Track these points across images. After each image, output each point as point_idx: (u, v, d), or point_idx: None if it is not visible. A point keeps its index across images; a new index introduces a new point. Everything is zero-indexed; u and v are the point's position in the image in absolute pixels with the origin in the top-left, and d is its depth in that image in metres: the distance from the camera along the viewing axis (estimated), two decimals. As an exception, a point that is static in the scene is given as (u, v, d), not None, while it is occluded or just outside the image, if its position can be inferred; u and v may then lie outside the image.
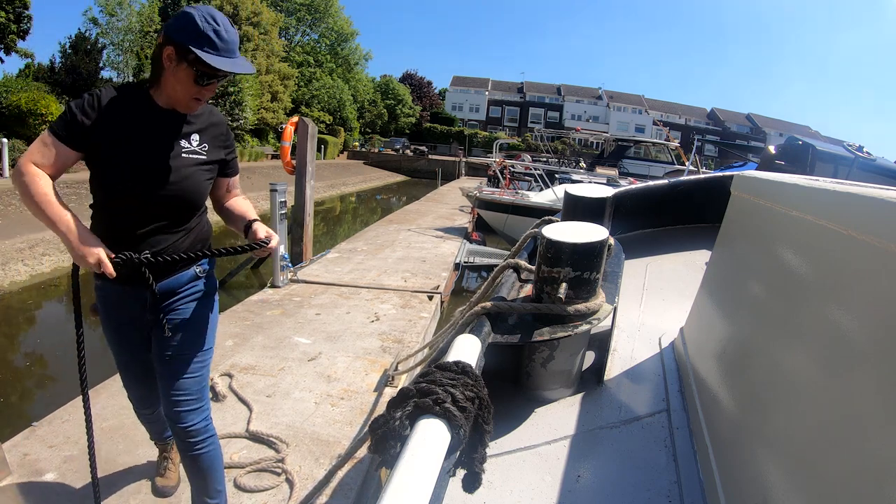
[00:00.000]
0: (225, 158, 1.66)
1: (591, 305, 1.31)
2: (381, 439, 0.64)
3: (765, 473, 0.87)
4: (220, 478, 1.80)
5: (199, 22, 1.38)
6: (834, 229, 0.86)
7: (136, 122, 1.47)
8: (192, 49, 1.38)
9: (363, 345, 3.84)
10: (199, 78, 1.44)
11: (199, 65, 1.41)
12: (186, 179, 1.53)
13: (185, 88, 1.46)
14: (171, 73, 1.45)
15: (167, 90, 1.48)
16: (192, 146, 1.54)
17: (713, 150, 35.70)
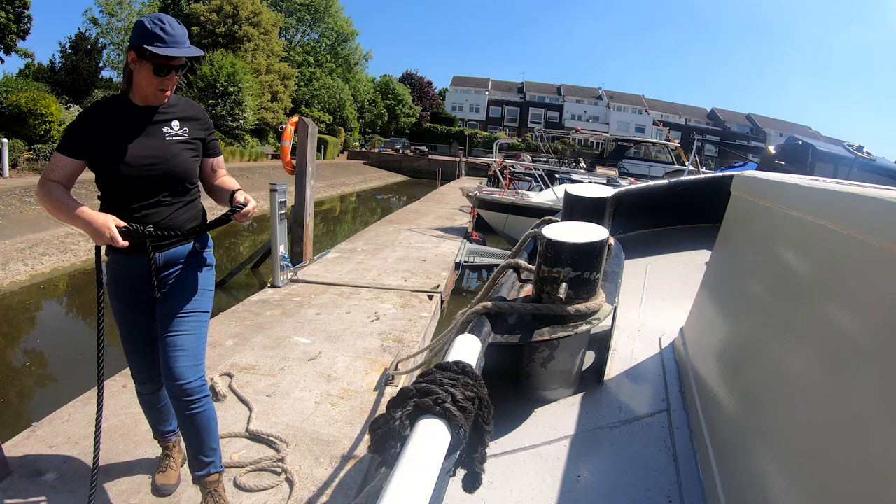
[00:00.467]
0: (205, 139, 1.91)
1: (591, 305, 1.31)
2: (381, 439, 0.64)
3: (765, 473, 0.87)
4: (215, 436, 1.94)
5: (147, 25, 1.66)
6: (834, 229, 0.86)
7: (121, 121, 1.74)
8: (144, 47, 1.65)
9: (363, 344, 3.84)
10: (157, 70, 1.69)
11: (154, 57, 1.67)
12: (175, 157, 1.79)
13: (149, 82, 1.71)
14: (137, 73, 1.71)
15: (138, 89, 1.74)
16: (173, 130, 1.81)
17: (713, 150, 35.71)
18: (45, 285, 7.23)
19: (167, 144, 1.78)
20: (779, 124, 51.55)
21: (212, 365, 3.28)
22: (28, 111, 12.64)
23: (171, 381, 1.82)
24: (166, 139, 1.78)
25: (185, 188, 1.86)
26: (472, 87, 54.89)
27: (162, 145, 1.77)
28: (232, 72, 21.62)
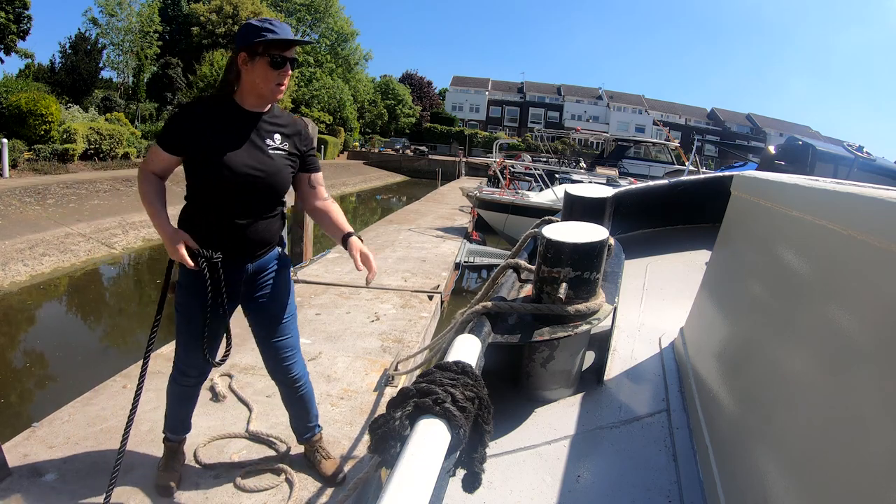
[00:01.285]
0: (304, 155, 1.92)
1: (591, 305, 1.31)
2: (381, 439, 0.64)
3: (765, 473, 0.87)
4: (314, 403, 2.26)
5: (255, 24, 1.70)
6: (834, 229, 0.86)
7: (225, 125, 1.74)
8: (258, 41, 1.66)
9: (363, 345, 3.84)
10: (273, 62, 1.69)
11: (269, 47, 1.67)
12: (279, 172, 1.81)
13: (265, 78, 1.71)
14: (249, 73, 1.72)
15: (252, 88, 1.74)
16: (275, 143, 1.81)
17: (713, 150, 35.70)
18: (44, 286, 7.23)
19: (271, 158, 1.79)
20: (779, 124, 51.55)
21: (212, 365, 3.28)
22: (28, 111, 12.64)
23: (287, 377, 2.09)
24: (269, 151, 1.79)
25: (280, 202, 1.90)
26: (472, 87, 54.88)
27: (266, 158, 1.78)
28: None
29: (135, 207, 11.39)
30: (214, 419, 2.65)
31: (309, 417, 2.25)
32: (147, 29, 24.70)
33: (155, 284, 7.93)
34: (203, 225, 1.80)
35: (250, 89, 1.75)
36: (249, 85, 1.74)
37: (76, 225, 9.43)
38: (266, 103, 1.80)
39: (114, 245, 9.28)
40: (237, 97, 1.77)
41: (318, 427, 2.32)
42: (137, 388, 1.95)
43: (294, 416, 2.24)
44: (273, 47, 1.68)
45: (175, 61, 25.47)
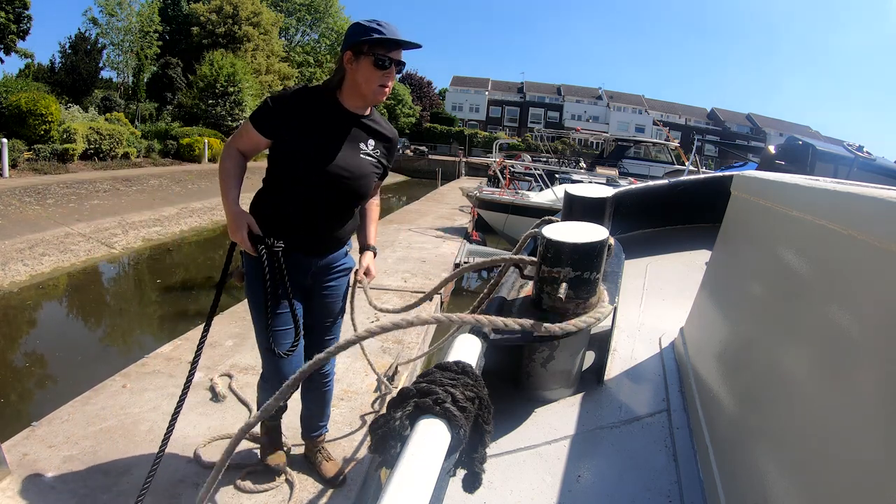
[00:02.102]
0: (388, 165, 1.93)
1: (591, 305, 1.31)
2: (382, 439, 0.64)
3: (765, 473, 0.87)
4: (330, 405, 2.28)
5: (363, 23, 1.67)
6: (834, 229, 0.86)
7: (323, 120, 1.73)
8: (364, 40, 1.63)
9: (363, 345, 3.83)
10: (378, 62, 1.67)
11: (376, 47, 1.65)
12: (365, 177, 1.81)
13: (369, 78, 1.69)
14: (354, 73, 1.69)
15: (353, 90, 1.73)
16: (368, 149, 1.81)
17: (713, 150, 35.70)
18: (44, 285, 7.23)
19: (362, 162, 1.79)
20: (779, 124, 51.56)
21: (211, 365, 3.27)
22: (28, 111, 12.63)
23: (318, 372, 2.05)
24: (361, 155, 1.79)
25: (359, 205, 1.93)
26: (471, 87, 54.87)
27: (357, 160, 1.78)
28: (232, 72, 21.61)
29: (134, 207, 11.39)
30: (214, 419, 2.65)
31: (322, 416, 2.26)
32: (147, 29, 24.69)
33: (155, 284, 7.93)
34: (278, 215, 1.78)
35: (353, 89, 1.73)
36: (352, 85, 1.72)
37: (76, 225, 9.43)
38: (367, 104, 1.79)
39: (113, 245, 9.28)
40: (340, 96, 1.76)
41: (326, 428, 2.33)
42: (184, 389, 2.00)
43: (308, 410, 2.24)
44: (378, 47, 1.66)
45: (175, 61, 25.46)
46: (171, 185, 14.02)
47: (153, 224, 10.90)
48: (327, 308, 2.01)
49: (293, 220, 1.78)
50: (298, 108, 1.71)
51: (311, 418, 2.25)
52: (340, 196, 1.79)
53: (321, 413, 2.25)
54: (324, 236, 1.85)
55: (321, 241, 1.86)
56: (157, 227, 10.84)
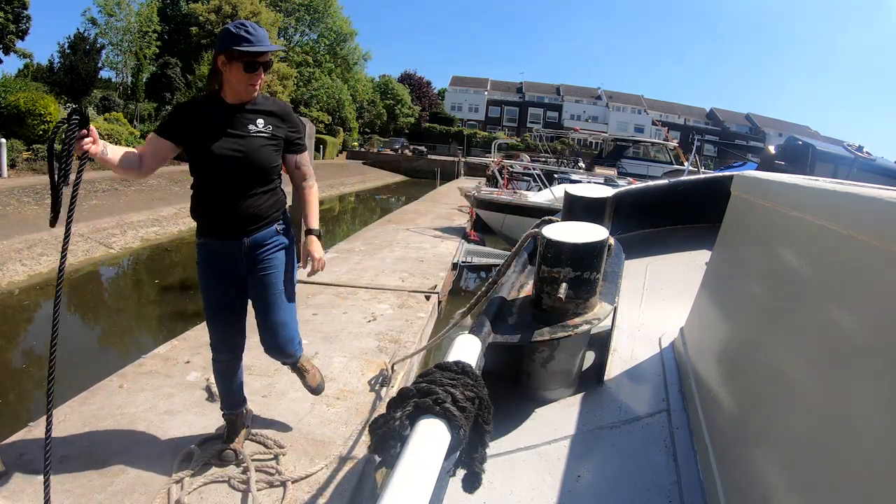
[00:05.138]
0: (288, 136, 2.09)
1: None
2: (381, 439, 0.64)
3: (765, 473, 0.86)
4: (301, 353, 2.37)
5: (232, 30, 1.90)
6: (834, 229, 0.86)
7: (213, 116, 1.96)
8: (233, 48, 1.87)
9: (360, 345, 3.83)
10: (247, 67, 1.91)
11: (242, 56, 1.89)
12: (257, 151, 1.99)
13: (240, 79, 1.93)
14: (227, 74, 1.93)
15: (230, 87, 1.96)
16: (258, 127, 2.00)
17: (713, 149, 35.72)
18: (42, 286, 7.21)
19: (251, 139, 1.98)
20: (778, 124, 51.62)
21: (207, 365, 3.24)
22: (27, 111, 12.60)
23: (276, 352, 2.24)
24: (251, 135, 1.99)
25: (266, 179, 2.05)
26: (471, 87, 54.88)
27: (246, 140, 1.97)
28: (231, 72, 21.57)
29: (133, 207, 11.38)
30: (209, 418, 2.65)
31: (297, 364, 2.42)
32: (146, 29, 24.63)
33: (153, 284, 7.92)
34: (203, 207, 2.03)
35: (229, 87, 1.97)
36: (228, 84, 1.96)
37: (74, 225, 9.41)
38: (242, 100, 2.00)
39: (112, 245, 9.26)
40: (222, 93, 1.99)
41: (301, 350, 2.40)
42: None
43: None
44: (246, 53, 1.89)
45: (174, 61, 25.41)
46: (169, 186, 14.00)
47: (151, 224, 10.89)
48: (267, 281, 2.11)
49: (210, 208, 2.01)
50: (191, 114, 1.98)
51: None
52: (242, 174, 1.98)
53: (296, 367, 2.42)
54: (242, 214, 2.01)
55: (240, 221, 2.01)
56: (156, 227, 10.83)
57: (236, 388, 2.32)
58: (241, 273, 2.10)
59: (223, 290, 2.12)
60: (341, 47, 38.14)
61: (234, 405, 2.35)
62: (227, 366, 2.26)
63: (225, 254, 2.06)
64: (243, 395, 2.39)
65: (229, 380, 2.29)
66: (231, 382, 2.30)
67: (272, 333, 2.17)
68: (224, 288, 2.11)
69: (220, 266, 2.09)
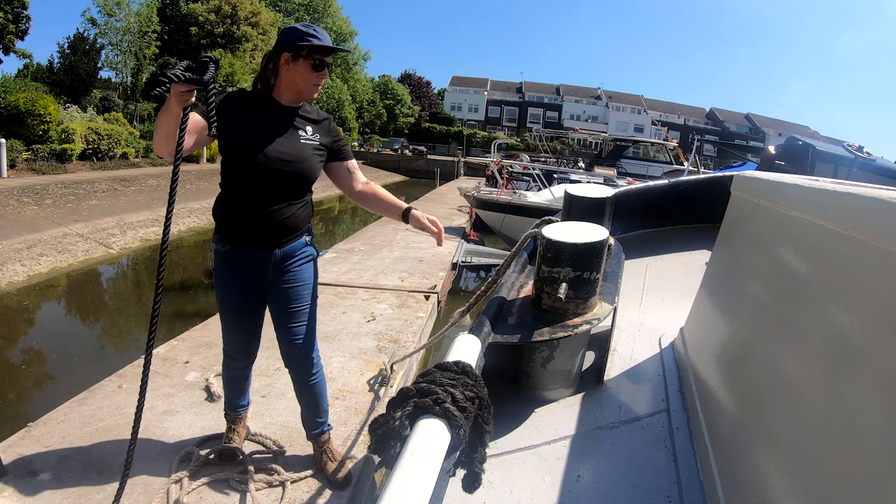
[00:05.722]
0: (333, 145, 2.03)
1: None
2: (381, 439, 0.64)
3: (765, 473, 0.86)
4: (325, 398, 2.27)
5: (301, 28, 1.84)
6: (834, 229, 0.86)
7: (263, 115, 1.87)
8: (303, 45, 1.80)
9: (359, 345, 3.83)
10: (315, 66, 1.85)
11: (313, 52, 1.82)
12: (307, 160, 1.92)
13: (305, 79, 1.86)
14: (290, 73, 1.84)
15: (292, 87, 1.87)
16: (307, 134, 1.94)
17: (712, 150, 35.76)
18: (42, 286, 7.21)
19: (302, 147, 1.91)
20: (777, 124, 51.64)
21: (207, 365, 3.27)
22: (26, 111, 12.59)
23: (294, 365, 2.13)
24: (301, 141, 1.92)
25: (307, 190, 2.01)
26: (470, 87, 54.88)
27: (296, 146, 1.90)
28: (230, 72, 21.57)
29: (133, 207, 11.37)
30: (209, 419, 2.64)
31: (319, 412, 2.26)
32: (145, 29, 24.61)
33: (153, 284, 7.92)
34: (235, 211, 1.92)
35: (289, 87, 1.88)
36: (289, 83, 1.87)
37: (74, 225, 9.41)
38: (302, 100, 1.94)
39: (111, 245, 9.26)
40: (275, 93, 1.90)
41: (329, 425, 2.32)
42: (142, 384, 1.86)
43: (305, 408, 2.26)
44: (316, 52, 1.83)
45: (173, 61, 25.38)
46: (168, 186, 14.01)
47: (151, 224, 10.88)
48: (293, 293, 2.05)
49: (245, 214, 1.89)
50: (237, 107, 1.86)
51: (309, 414, 2.26)
52: (288, 182, 1.91)
53: (318, 408, 2.25)
54: (280, 225, 1.93)
55: (278, 231, 1.94)
56: (156, 227, 10.81)
57: (241, 391, 2.32)
58: (265, 283, 2.02)
59: (244, 300, 2.04)
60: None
61: (239, 406, 2.34)
62: (238, 372, 2.25)
63: (252, 263, 1.97)
64: (248, 397, 2.38)
65: (239, 384, 2.29)
66: (240, 386, 2.30)
67: (292, 346, 2.10)
68: (245, 298, 2.04)
69: (244, 275, 2.00)
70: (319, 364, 2.21)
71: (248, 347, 2.18)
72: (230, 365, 2.22)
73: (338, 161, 2.07)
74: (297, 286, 2.05)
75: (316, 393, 2.22)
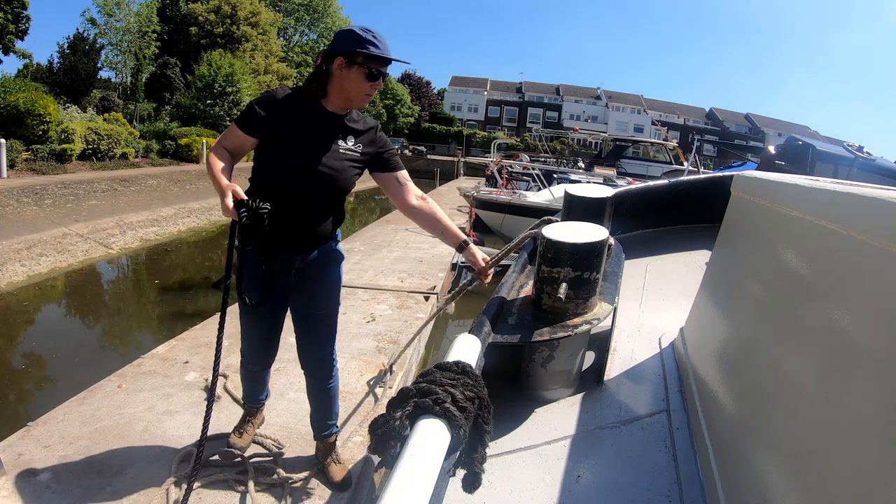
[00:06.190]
0: (379, 155, 1.92)
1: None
2: (381, 439, 0.64)
3: (765, 473, 0.86)
4: (337, 402, 2.25)
5: (359, 33, 1.70)
6: (834, 229, 0.86)
7: (306, 119, 1.79)
8: (360, 52, 1.68)
9: (358, 345, 3.83)
10: (370, 75, 1.73)
11: (370, 61, 1.71)
12: (344, 171, 1.84)
13: (358, 87, 1.75)
14: (342, 79, 1.74)
15: (342, 94, 1.77)
16: (347, 145, 1.84)
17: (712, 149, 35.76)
18: (42, 286, 7.21)
19: (338, 158, 1.82)
20: (777, 124, 51.65)
21: (206, 365, 3.26)
22: (26, 111, 12.58)
23: (313, 369, 2.11)
24: (339, 152, 1.82)
25: (341, 199, 1.94)
26: (470, 87, 54.86)
27: (338, 157, 1.81)
28: (230, 72, 21.55)
29: (132, 207, 11.37)
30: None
31: (330, 415, 2.24)
32: (145, 29, 24.60)
33: (152, 285, 7.91)
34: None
35: (339, 93, 1.78)
36: (339, 89, 1.77)
37: (73, 225, 9.41)
38: (350, 108, 1.85)
39: (111, 245, 9.25)
40: (324, 98, 1.81)
41: (336, 427, 2.30)
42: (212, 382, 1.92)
43: (315, 410, 2.24)
44: (372, 60, 1.72)
45: (173, 61, 25.42)
46: (168, 186, 13.99)
47: (151, 224, 10.88)
48: (316, 299, 2.01)
49: (279, 218, 1.74)
50: (283, 109, 1.78)
51: (319, 416, 2.24)
52: (325, 192, 1.84)
53: (329, 411, 2.22)
54: (307, 233, 1.88)
55: (305, 238, 1.88)
56: (155, 227, 10.81)
57: (261, 388, 2.34)
58: (288, 287, 1.98)
59: (266, 303, 1.98)
60: (341, 47, 38.06)
61: (260, 399, 2.37)
62: (255, 374, 2.24)
63: (276, 267, 1.91)
64: (267, 391, 2.40)
65: (254, 382, 2.30)
66: (256, 383, 2.31)
67: (311, 350, 2.08)
68: (265, 301, 1.97)
69: (267, 278, 1.93)
70: (336, 370, 2.18)
71: (264, 353, 2.15)
72: (247, 367, 2.22)
73: (386, 172, 1.94)
74: (319, 291, 2.01)
75: (329, 397, 2.19)
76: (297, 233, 1.85)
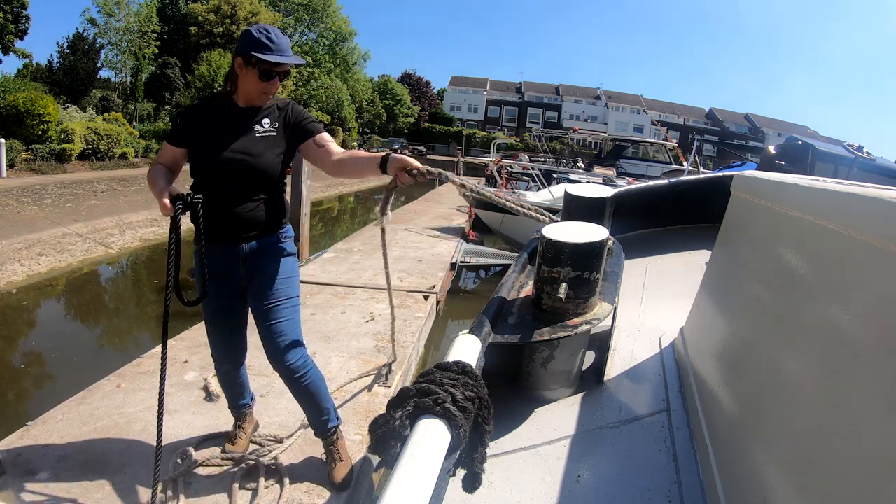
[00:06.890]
0: (297, 125, 2.00)
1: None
2: (382, 439, 0.64)
3: (765, 473, 0.86)
4: (326, 397, 2.21)
5: (254, 34, 1.81)
6: (834, 229, 0.86)
7: (220, 118, 1.92)
8: (252, 54, 1.79)
9: (358, 345, 3.83)
10: (263, 75, 1.84)
11: (261, 63, 1.81)
12: (263, 154, 1.93)
13: (255, 86, 1.88)
14: (243, 78, 1.87)
15: (243, 92, 1.91)
16: (264, 127, 1.95)
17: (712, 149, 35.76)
18: (41, 286, 7.20)
19: (258, 141, 1.92)
20: (777, 124, 51.65)
21: (205, 364, 3.26)
22: (26, 111, 12.58)
23: (279, 364, 2.06)
24: (258, 136, 1.93)
25: (269, 185, 1.99)
26: (470, 87, 54.86)
27: (253, 142, 1.91)
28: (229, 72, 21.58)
29: (132, 207, 11.37)
30: (207, 418, 2.64)
31: (320, 410, 2.20)
32: (145, 29, 24.60)
33: (152, 284, 7.91)
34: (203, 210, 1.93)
35: (242, 91, 1.92)
36: (241, 87, 1.91)
37: (73, 225, 9.40)
38: (253, 104, 1.94)
39: (111, 245, 9.25)
40: (234, 95, 1.94)
41: (335, 420, 2.26)
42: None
43: (304, 409, 2.22)
44: (264, 62, 1.82)
45: (173, 61, 25.43)
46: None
47: (150, 224, 10.87)
48: (266, 290, 2.03)
49: (214, 211, 1.90)
50: (199, 115, 1.94)
51: (311, 415, 2.23)
52: (245, 177, 1.92)
53: (316, 407, 2.18)
54: (243, 220, 1.95)
55: (239, 227, 1.96)
56: (155, 226, 10.81)
57: (239, 390, 2.33)
58: (239, 281, 2.04)
59: (220, 298, 2.04)
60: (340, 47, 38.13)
61: (241, 405, 2.37)
62: (227, 373, 2.26)
63: (222, 260, 2.00)
64: (249, 393, 2.39)
65: (231, 384, 2.30)
66: (235, 387, 2.30)
67: (272, 343, 2.05)
68: (220, 296, 2.03)
69: (216, 272, 2.00)
70: (308, 363, 2.14)
71: (230, 350, 2.17)
72: (217, 367, 2.24)
73: (307, 139, 2.00)
74: (272, 282, 2.03)
75: (310, 393, 2.15)
76: (234, 223, 1.95)
